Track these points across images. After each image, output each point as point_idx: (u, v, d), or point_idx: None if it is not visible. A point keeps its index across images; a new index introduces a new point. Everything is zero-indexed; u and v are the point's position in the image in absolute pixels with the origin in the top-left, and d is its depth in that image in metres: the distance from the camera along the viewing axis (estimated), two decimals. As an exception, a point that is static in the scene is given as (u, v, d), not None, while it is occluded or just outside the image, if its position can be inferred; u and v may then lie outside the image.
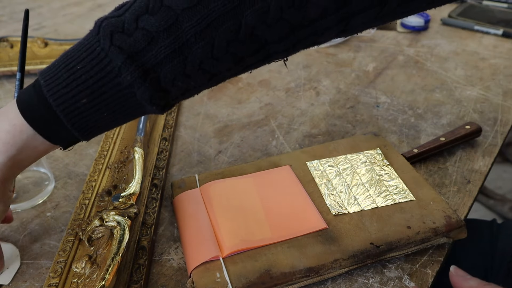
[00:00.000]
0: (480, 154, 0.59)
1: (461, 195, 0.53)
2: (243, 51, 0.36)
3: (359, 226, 0.46)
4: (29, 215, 0.53)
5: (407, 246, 0.44)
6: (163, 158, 0.58)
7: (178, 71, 0.36)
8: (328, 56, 0.84)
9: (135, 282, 0.43)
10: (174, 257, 0.47)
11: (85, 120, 0.37)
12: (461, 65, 0.80)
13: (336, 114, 0.68)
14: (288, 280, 0.41)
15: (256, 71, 0.79)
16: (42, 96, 0.36)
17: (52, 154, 0.62)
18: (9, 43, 0.82)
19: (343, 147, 0.56)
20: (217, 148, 0.62)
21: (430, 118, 0.66)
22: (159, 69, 0.35)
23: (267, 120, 0.67)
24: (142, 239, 0.47)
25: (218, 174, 0.53)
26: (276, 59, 0.40)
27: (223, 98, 0.73)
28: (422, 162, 0.58)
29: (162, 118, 0.65)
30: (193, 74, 0.37)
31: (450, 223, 0.45)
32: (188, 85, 0.38)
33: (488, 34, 0.90)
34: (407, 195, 0.49)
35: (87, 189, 0.52)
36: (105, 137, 0.60)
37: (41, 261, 0.47)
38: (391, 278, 0.44)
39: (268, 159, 0.55)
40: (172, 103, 0.39)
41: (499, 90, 0.72)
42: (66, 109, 0.36)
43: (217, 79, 0.39)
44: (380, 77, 0.77)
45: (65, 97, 0.35)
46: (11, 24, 1.03)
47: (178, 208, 0.50)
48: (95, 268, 0.42)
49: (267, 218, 0.47)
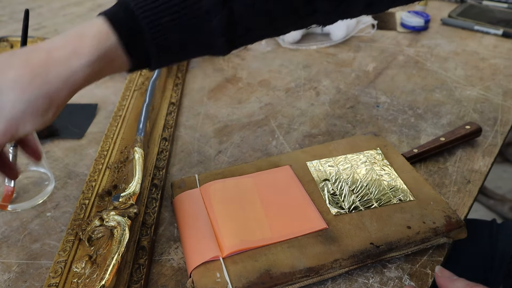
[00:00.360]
0: (480, 154, 0.59)
1: (461, 195, 0.53)
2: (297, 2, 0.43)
3: (359, 226, 0.46)
4: (29, 215, 0.53)
5: (407, 246, 0.44)
6: (163, 158, 0.58)
7: (248, 6, 0.41)
8: (328, 56, 0.84)
9: (135, 282, 0.43)
10: (174, 257, 0.47)
11: (163, 38, 0.40)
12: (461, 65, 0.80)
13: (336, 114, 0.68)
14: (288, 280, 0.41)
15: (256, 71, 0.80)
16: (130, 10, 0.39)
17: (52, 154, 0.62)
18: (9, 43, 0.82)
19: (343, 147, 0.56)
20: (217, 148, 0.62)
21: (430, 118, 0.66)
22: (234, 2, 0.40)
23: (267, 120, 0.67)
24: (142, 239, 0.47)
25: (218, 174, 0.53)
26: (317, 22, 0.46)
27: (223, 98, 0.73)
28: (422, 162, 0.58)
29: (162, 118, 0.65)
30: (258, 12, 0.42)
31: (450, 223, 0.45)
32: (252, 24, 0.42)
33: (488, 34, 0.90)
34: (407, 195, 0.49)
35: (87, 189, 0.52)
36: (105, 137, 0.60)
37: (41, 261, 0.47)
38: (391, 278, 0.44)
39: (268, 159, 0.55)
40: (237, 43, 0.43)
41: (499, 90, 0.72)
42: (150, 23, 0.39)
43: (274, 27, 0.44)
44: (380, 77, 0.77)
45: (151, 12, 0.39)
46: (11, 24, 1.03)
47: (178, 208, 0.50)
48: (95, 268, 0.42)
49: (267, 218, 0.47)
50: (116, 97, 0.73)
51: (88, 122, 0.68)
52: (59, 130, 0.65)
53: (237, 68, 0.81)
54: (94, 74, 0.39)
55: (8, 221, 0.52)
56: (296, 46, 0.87)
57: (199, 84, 0.77)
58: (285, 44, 0.88)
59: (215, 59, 0.84)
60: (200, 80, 0.78)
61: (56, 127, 0.65)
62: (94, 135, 0.65)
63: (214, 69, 0.81)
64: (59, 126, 0.66)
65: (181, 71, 0.78)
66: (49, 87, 0.37)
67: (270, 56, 0.85)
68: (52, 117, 0.38)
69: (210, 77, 0.79)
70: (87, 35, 0.38)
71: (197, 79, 0.78)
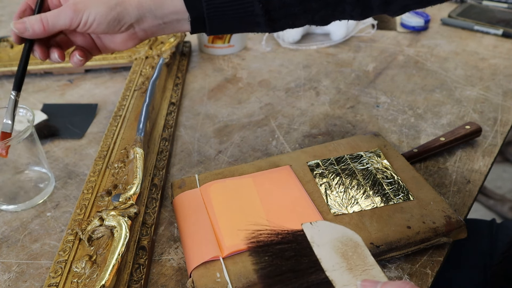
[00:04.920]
0: (480, 154, 0.59)
1: (461, 195, 0.53)
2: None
3: (359, 226, 0.46)
4: (29, 215, 0.53)
5: (407, 246, 0.44)
6: (163, 158, 0.58)
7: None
8: (328, 56, 0.84)
9: (135, 282, 0.43)
10: (174, 257, 0.47)
11: (212, 4, 0.48)
12: (461, 65, 0.80)
13: (336, 114, 0.68)
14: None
15: (256, 71, 0.80)
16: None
17: (52, 154, 0.62)
18: (9, 43, 0.82)
19: (343, 147, 0.56)
20: (217, 148, 0.62)
21: (430, 118, 0.66)
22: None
23: (267, 120, 0.67)
24: (142, 239, 0.47)
25: (218, 174, 0.53)
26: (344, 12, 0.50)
27: (223, 98, 0.73)
28: (422, 162, 0.58)
29: (162, 118, 0.65)
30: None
31: (450, 223, 0.46)
32: (283, 3, 0.48)
33: (488, 34, 0.90)
34: (407, 195, 0.49)
35: (87, 189, 0.52)
36: (105, 137, 0.60)
37: (41, 261, 0.47)
38: (391, 278, 0.44)
39: (268, 159, 0.55)
40: (274, 16, 0.49)
41: (499, 90, 0.72)
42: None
43: (304, 8, 0.49)
44: (380, 77, 0.77)
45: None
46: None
47: (178, 208, 0.50)
48: (95, 268, 0.42)
49: (267, 218, 0.47)
50: (116, 97, 0.73)
51: (88, 122, 0.68)
52: (59, 130, 0.65)
53: (237, 68, 0.81)
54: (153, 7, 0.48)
55: (8, 221, 0.52)
56: (296, 46, 0.87)
57: (199, 84, 0.77)
58: (285, 44, 0.88)
59: (215, 59, 0.84)
60: (200, 80, 0.78)
61: (56, 127, 0.65)
62: (94, 135, 0.65)
63: (214, 69, 0.81)
64: (59, 126, 0.66)
65: (181, 71, 0.78)
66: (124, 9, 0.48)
67: (270, 56, 0.85)
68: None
69: (210, 77, 0.79)
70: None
71: (197, 79, 0.78)
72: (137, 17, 0.49)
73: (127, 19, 0.48)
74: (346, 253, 0.37)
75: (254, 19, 0.50)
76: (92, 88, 0.77)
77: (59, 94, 0.75)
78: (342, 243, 0.38)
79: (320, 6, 0.49)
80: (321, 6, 0.49)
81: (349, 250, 0.37)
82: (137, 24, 0.49)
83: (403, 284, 0.31)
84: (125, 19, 0.48)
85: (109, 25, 0.48)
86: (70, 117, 0.68)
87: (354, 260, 0.36)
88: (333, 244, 0.38)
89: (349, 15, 0.51)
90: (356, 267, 0.36)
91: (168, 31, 0.52)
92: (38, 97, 0.74)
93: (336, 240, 0.38)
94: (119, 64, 0.79)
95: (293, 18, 0.50)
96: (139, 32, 0.50)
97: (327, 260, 0.36)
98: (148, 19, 0.49)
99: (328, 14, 0.51)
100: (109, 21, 0.47)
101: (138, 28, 0.50)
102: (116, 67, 0.80)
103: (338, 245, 0.38)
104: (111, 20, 0.47)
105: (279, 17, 0.50)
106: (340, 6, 0.49)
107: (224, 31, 0.53)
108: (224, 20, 0.50)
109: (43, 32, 0.47)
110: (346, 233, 0.39)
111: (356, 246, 0.37)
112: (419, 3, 0.49)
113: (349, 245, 0.38)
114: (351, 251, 0.37)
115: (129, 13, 0.48)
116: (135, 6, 0.48)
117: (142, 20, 0.49)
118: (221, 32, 0.52)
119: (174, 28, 0.51)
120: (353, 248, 0.37)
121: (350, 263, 0.36)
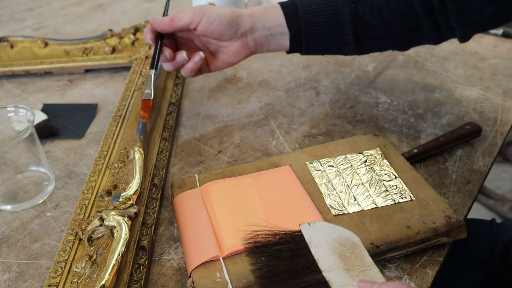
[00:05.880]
0: (480, 154, 0.59)
1: (461, 195, 0.53)
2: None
3: (359, 226, 0.46)
4: (29, 215, 0.53)
5: (407, 246, 0.44)
6: (163, 158, 0.58)
7: (369, 8, 0.55)
8: (328, 56, 0.84)
9: (135, 282, 0.43)
10: (174, 257, 0.47)
11: (310, 22, 0.56)
12: (461, 65, 0.80)
13: (336, 114, 0.68)
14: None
15: (256, 71, 0.80)
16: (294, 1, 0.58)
17: (52, 154, 0.62)
18: (9, 43, 0.82)
19: (343, 147, 0.56)
20: (217, 148, 0.62)
21: (430, 118, 0.66)
22: (359, 2, 0.55)
23: (267, 120, 0.67)
24: (142, 239, 0.47)
25: (218, 174, 0.53)
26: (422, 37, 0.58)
27: (223, 98, 0.73)
28: (422, 162, 0.58)
29: (162, 118, 0.65)
30: (375, 17, 0.55)
31: (450, 223, 0.46)
32: (371, 23, 0.55)
33: (488, 34, 0.90)
34: (407, 195, 0.49)
35: (87, 189, 0.52)
36: (105, 137, 0.60)
37: (41, 261, 0.47)
38: (391, 278, 0.44)
39: (268, 159, 0.55)
40: (362, 37, 0.57)
41: (499, 90, 0.72)
42: (304, 9, 0.56)
43: (389, 30, 0.56)
44: (380, 77, 0.77)
45: (304, 2, 0.57)
46: (11, 24, 1.03)
47: (178, 208, 0.50)
48: (95, 268, 0.42)
49: (267, 218, 0.47)
50: (116, 97, 0.73)
51: (88, 122, 0.68)
52: (59, 130, 0.65)
53: (237, 68, 0.81)
54: (255, 17, 0.57)
55: (8, 221, 0.52)
56: (296, 46, 0.87)
57: (199, 84, 0.77)
58: (285, 44, 0.88)
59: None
60: (200, 80, 0.78)
61: (56, 127, 0.65)
62: (94, 135, 0.65)
63: (214, 69, 0.81)
64: (59, 126, 0.66)
65: (181, 71, 0.78)
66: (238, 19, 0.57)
67: (270, 56, 0.85)
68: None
69: (210, 77, 0.79)
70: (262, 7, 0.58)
71: (197, 79, 0.78)
72: (251, 25, 0.56)
73: (242, 24, 0.56)
74: (343, 253, 0.37)
75: (344, 38, 0.56)
76: (92, 88, 0.77)
77: (59, 94, 0.75)
78: (340, 244, 0.38)
79: (402, 30, 0.55)
80: (403, 30, 0.55)
81: (347, 250, 0.37)
82: (249, 32, 0.57)
83: (399, 285, 0.32)
84: (241, 24, 0.56)
85: (228, 26, 0.55)
86: (70, 117, 0.68)
87: (351, 261, 0.36)
88: (330, 244, 0.38)
89: (427, 39, 0.57)
90: (353, 267, 0.36)
91: (273, 45, 0.59)
92: (38, 97, 0.74)
93: (334, 240, 0.38)
94: (119, 64, 0.79)
95: (378, 40, 0.57)
96: (250, 41, 0.58)
97: (324, 261, 0.36)
98: (259, 29, 0.57)
99: (409, 38, 0.57)
100: (228, 21, 0.55)
101: (250, 37, 0.57)
102: (116, 67, 0.80)
103: (336, 246, 0.37)
104: (229, 21, 0.55)
105: (365, 38, 0.56)
106: (419, 30, 0.56)
107: (317, 51, 0.59)
108: (320, 37, 0.57)
109: (169, 23, 0.56)
110: (344, 234, 0.39)
111: (354, 247, 0.37)
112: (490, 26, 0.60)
113: (347, 245, 0.38)
114: (349, 252, 0.37)
115: (244, 20, 0.56)
116: (249, 15, 0.56)
117: (254, 29, 0.57)
118: (315, 51, 0.59)
119: (278, 41, 0.58)
120: (351, 248, 0.37)
121: (348, 264, 0.36)
